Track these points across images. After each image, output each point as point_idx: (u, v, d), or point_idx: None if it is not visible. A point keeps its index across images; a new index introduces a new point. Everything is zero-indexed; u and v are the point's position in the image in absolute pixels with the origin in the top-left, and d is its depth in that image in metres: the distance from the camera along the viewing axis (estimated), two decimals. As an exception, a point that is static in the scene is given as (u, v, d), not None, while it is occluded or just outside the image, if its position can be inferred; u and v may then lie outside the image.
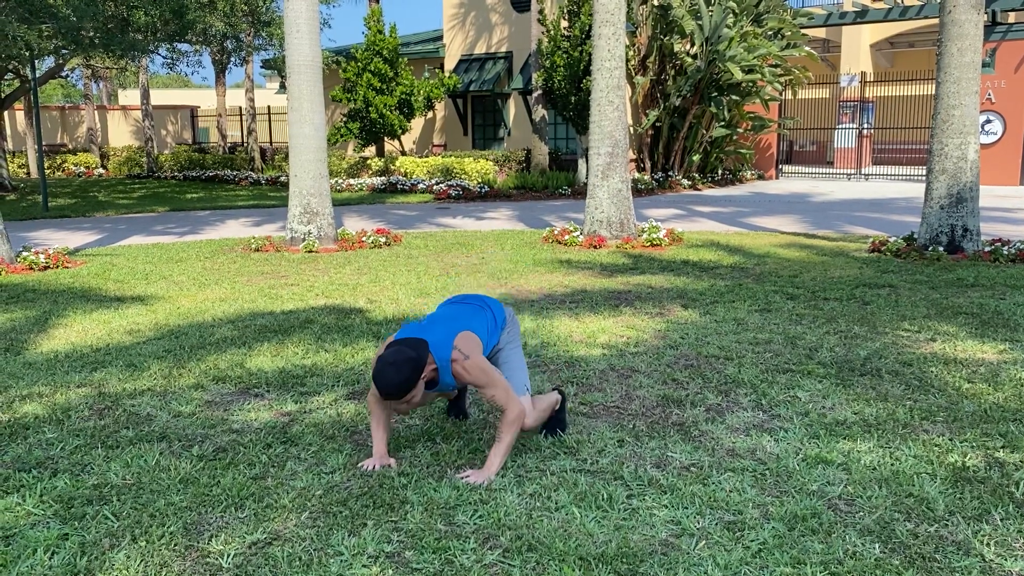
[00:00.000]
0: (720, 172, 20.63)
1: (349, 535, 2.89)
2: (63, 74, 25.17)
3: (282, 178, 22.03)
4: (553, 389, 3.84)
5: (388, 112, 19.71)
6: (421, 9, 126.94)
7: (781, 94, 20.31)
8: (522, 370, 3.57)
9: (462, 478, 3.32)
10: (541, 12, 18.58)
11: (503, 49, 22.28)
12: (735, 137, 20.15)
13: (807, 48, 19.65)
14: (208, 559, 2.76)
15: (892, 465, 3.44)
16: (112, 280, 8.49)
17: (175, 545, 2.85)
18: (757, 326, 5.96)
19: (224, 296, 7.53)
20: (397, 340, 3.31)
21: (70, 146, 31.44)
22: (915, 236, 9.45)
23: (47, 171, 28.76)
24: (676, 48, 18.37)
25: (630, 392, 4.50)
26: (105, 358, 5.44)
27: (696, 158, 19.58)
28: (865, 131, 22.06)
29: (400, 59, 20.20)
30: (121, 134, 32.76)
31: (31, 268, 8.99)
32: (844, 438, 3.75)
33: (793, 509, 3.05)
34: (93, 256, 10.29)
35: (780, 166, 22.31)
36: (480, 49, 22.73)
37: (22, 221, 15.07)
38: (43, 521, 3.07)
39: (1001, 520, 2.97)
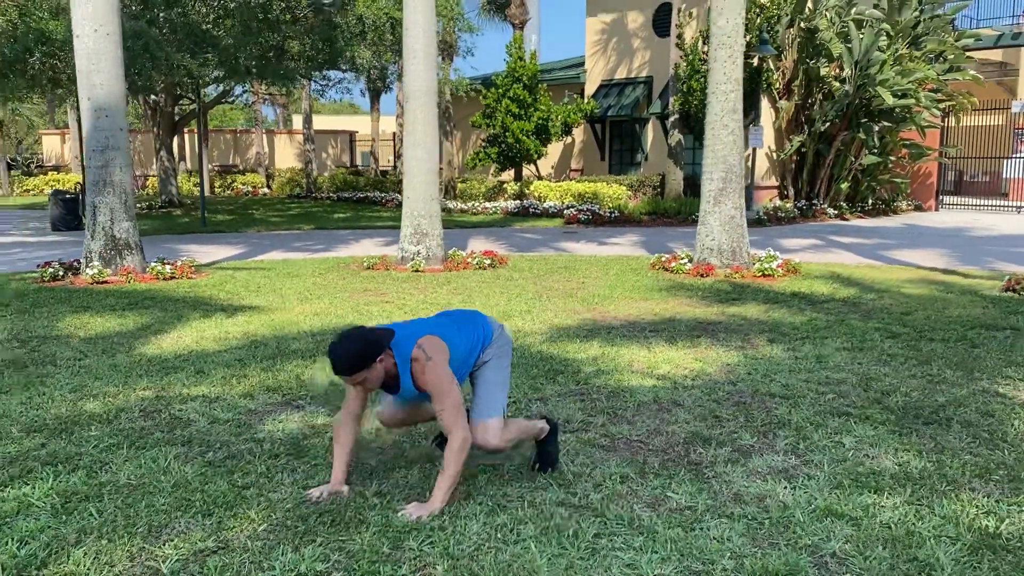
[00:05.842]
0: (871, 202, 19.47)
1: (292, 551, 2.87)
2: (229, 100, 27.08)
3: (425, 200, 22.69)
4: (542, 418, 3.66)
5: (524, 137, 19.94)
6: (566, 36, 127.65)
7: (943, 120, 18.97)
8: (501, 389, 3.42)
9: (401, 513, 3.13)
10: (680, 36, 18.28)
11: (644, 74, 22.06)
12: (889, 165, 18.95)
13: (972, 72, 18.28)
14: (151, 562, 2.82)
15: (911, 524, 3.07)
16: (225, 291, 8.97)
17: (131, 546, 2.93)
18: (837, 365, 5.53)
19: (319, 310, 7.79)
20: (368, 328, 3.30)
21: (241, 167, 33.79)
22: (1061, 275, 8.51)
23: (219, 190, 31.02)
24: (823, 72, 17.57)
25: (660, 427, 4.26)
26: (181, 363, 5.73)
27: (844, 186, 18.55)
28: (1041, 161, 20.23)
29: (540, 85, 20.42)
30: (286, 156, 34.88)
31: (157, 278, 9.66)
32: (870, 490, 3.39)
33: (771, 564, 2.77)
34: (221, 269, 10.94)
35: (942, 197, 20.81)
36: (621, 74, 22.60)
37: (179, 235, 16.26)
38: (36, 513, 3.24)
39: (1014, 598, 2.58)
